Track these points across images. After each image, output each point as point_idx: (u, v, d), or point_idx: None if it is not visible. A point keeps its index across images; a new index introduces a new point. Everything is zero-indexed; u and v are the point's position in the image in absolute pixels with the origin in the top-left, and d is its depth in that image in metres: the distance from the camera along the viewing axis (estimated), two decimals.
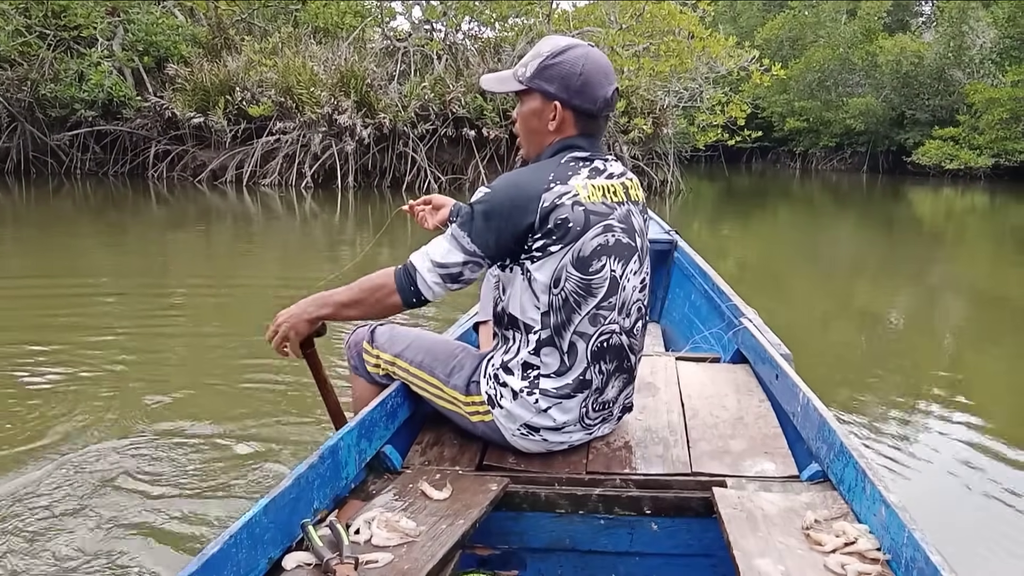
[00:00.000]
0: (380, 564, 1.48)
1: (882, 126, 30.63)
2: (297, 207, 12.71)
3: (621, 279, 1.89)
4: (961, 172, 26.91)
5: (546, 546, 1.92)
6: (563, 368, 1.89)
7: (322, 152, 14.62)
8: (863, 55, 30.96)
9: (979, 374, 5.06)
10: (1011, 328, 6.35)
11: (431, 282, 1.84)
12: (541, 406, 1.90)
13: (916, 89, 29.81)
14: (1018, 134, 25.96)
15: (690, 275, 3.85)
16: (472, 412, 2.00)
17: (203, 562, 1.27)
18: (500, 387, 1.94)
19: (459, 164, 15.47)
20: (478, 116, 14.45)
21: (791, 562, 1.47)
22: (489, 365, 1.98)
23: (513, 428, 1.94)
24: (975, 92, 26.86)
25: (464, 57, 15.55)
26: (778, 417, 2.23)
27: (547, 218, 1.78)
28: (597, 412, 1.97)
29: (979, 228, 15.13)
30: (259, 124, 14.74)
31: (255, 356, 4.43)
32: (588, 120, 1.90)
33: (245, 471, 2.99)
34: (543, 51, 1.89)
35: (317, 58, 15.16)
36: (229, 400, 3.78)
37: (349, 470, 1.80)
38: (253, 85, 14.65)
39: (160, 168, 15.55)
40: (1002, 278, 9.04)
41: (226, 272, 7.43)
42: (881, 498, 1.52)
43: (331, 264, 8.06)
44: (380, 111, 14.40)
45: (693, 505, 1.83)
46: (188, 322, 5.44)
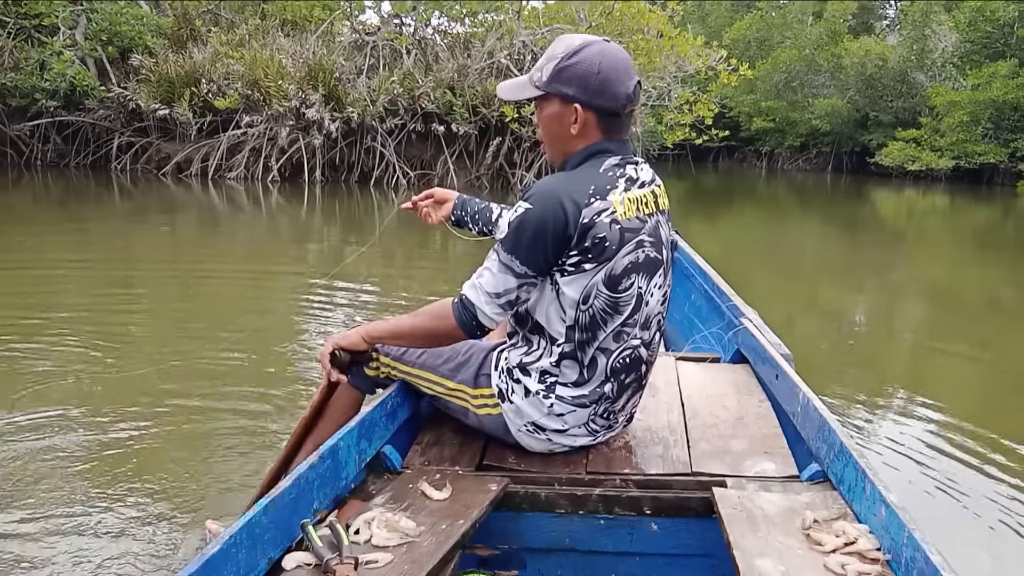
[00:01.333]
0: (380, 564, 1.48)
1: (846, 127, 31.05)
2: (263, 201, 12.60)
3: (645, 295, 1.88)
4: (923, 173, 27.35)
5: (546, 546, 1.92)
6: (581, 380, 1.88)
7: (289, 146, 14.49)
8: (828, 57, 31.35)
9: (937, 368, 5.17)
10: (968, 324, 6.49)
11: (492, 313, 1.81)
12: (555, 411, 1.90)
13: (880, 91, 30.24)
14: (978, 137, 26.45)
15: (690, 275, 3.84)
16: (480, 405, 1.99)
17: (203, 562, 1.27)
18: (513, 383, 1.93)
19: (428, 160, 15.41)
20: (447, 112, 14.41)
21: (791, 562, 1.47)
22: (503, 360, 1.97)
23: (520, 424, 1.94)
24: (937, 95, 27.32)
25: (433, 52, 15.49)
26: (778, 417, 2.23)
27: (585, 235, 1.75)
28: (604, 420, 1.97)
29: (940, 228, 15.41)
30: (225, 117, 14.56)
31: (216, 355, 4.40)
32: (612, 119, 1.84)
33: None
34: (557, 52, 1.83)
35: (285, 51, 15.02)
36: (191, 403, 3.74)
37: (349, 470, 1.79)
38: (219, 77, 14.46)
39: (123, 160, 15.30)
40: (961, 277, 9.24)
41: (190, 267, 7.34)
42: (881, 498, 1.53)
43: (297, 260, 8.01)
44: (348, 105, 14.30)
45: (693, 505, 1.83)
46: (151, 320, 5.37)
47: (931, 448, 3.55)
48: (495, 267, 1.80)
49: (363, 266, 7.55)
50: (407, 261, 8.09)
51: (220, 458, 3.08)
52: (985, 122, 26.39)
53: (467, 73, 14.61)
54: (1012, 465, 3.39)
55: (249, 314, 5.55)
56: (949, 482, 3.20)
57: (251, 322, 5.31)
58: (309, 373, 4.12)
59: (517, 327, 1.97)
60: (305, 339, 4.91)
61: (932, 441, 3.64)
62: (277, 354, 4.50)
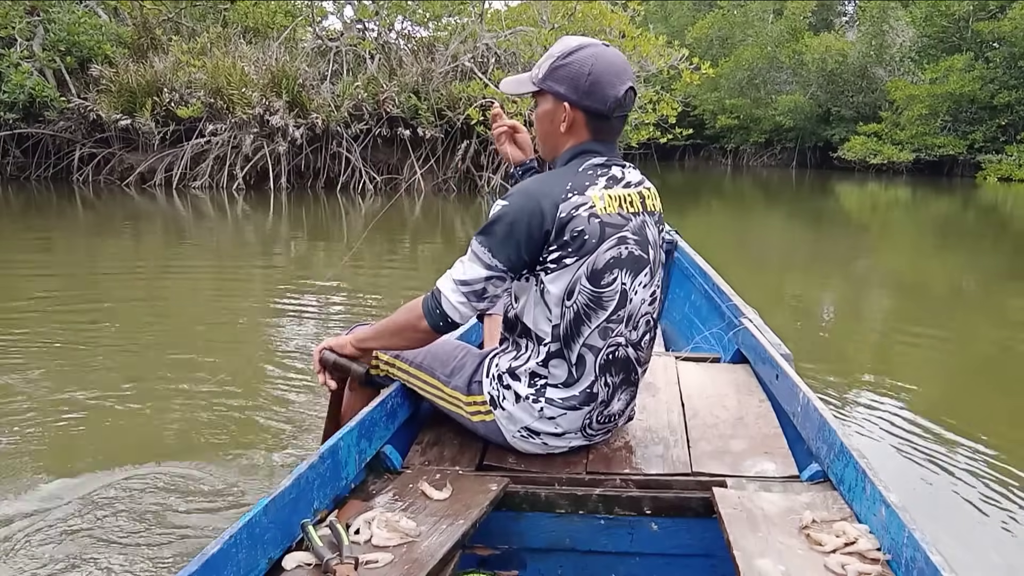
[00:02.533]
0: (380, 564, 1.48)
1: (809, 122, 31.46)
2: (229, 209, 12.51)
3: (629, 291, 1.88)
4: (884, 167, 27.79)
5: (546, 546, 1.92)
6: (571, 380, 1.89)
7: (254, 153, 14.40)
8: (790, 54, 31.75)
9: (903, 355, 5.28)
10: (930, 313, 6.62)
11: (456, 302, 1.83)
12: (546, 414, 1.90)
13: (841, 86, 30.68)
14: (936, 129, 26.93)
15: (690, 275, 3.85)
16: (473, 412, 2.00)
17: (203, 562, 1.27)
18: (504, 389, 1.94)
19: (394, 164, 15.38)
20: (413, 116, 14.40)
21: (791, 562, 1.47)
22: (493, 366, 1.98)
23: (514, 430, 1.95)
24: (896, 89, 27.78)
25: (397, 56, 15.47)
26: (778, 417, 2.24)
27: (563, 229, 1.77)
28: (600, 424, 1.98)
29: (903, 220, 15.67)
30: (188, 126, 14.43)
31: (181, 364, 4.37)
32: (600, 121, 1.87)
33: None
34: (555, 52, 1.88)
35: (247, 58, 14.91)
36: (153, 411, 3.72)
37: (349, 470, 1.80)
38: (181, 86, 14.33)
39: (85, 172, 15.09)
40: (923, 267, 9.41)
41: (157, 276, 7.28)
42: (881, 498, 1.53)
43: (266, 268, 7.97)
44: (313, 111, 14.24)
45: (693, 505, 1.83)
46: (116, 334, 5.33)
47: (901, 433, 3.62)
48: (467, 257, 1.84)
49: (332, 269, 7.55)
50: (377, 263, 8.09)
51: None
52: (943, 115, 26.88)
53: (431, 77, 14.62)
54: (985, 451, 3.47)
55: (217, 322, 5.52)
56: (919, 467, 3.27)
57: (219, 330, 5.28)
58: (277, 380, 4.12)
59: (507, 333, 1.99)
60: (274, 346, 4.89)
61: (903, 426, 3.71)
62: (247, 361, 4.48)
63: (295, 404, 3.77)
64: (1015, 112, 26.10)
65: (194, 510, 2.71)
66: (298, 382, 4.08)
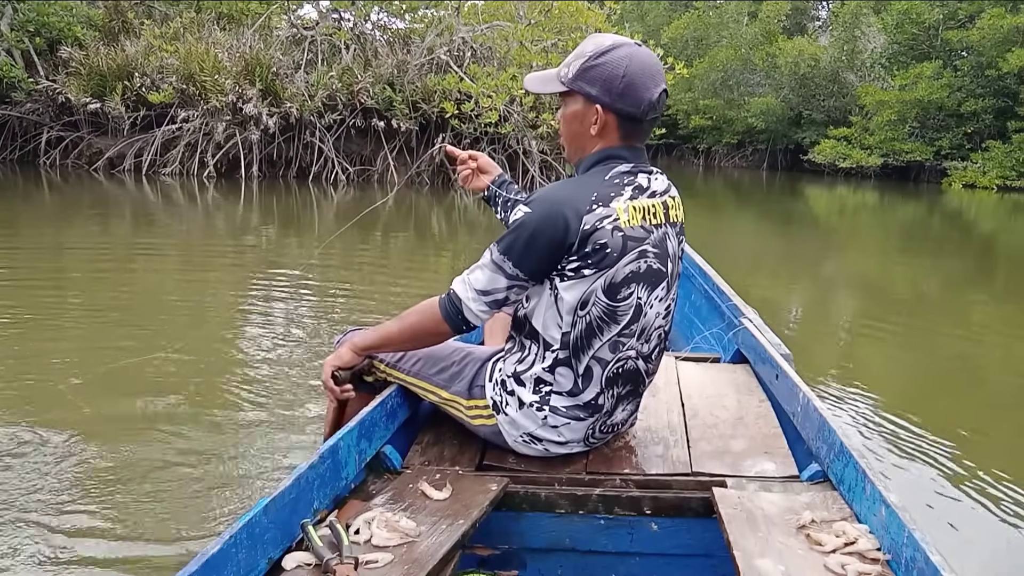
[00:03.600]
0: (380, 564, 1.48)
1: (781, 125, 31.81)
2: (199, 197, 12.40)
3: (644, 306, 1.84)
4: (853, 170, 28.19)
5: (546, 546, 1.91)
6: (576, 390, 1.85)
7: (225, 141, 14.27)
8: (763, 56, 32.07)
9: (869, 355, 5.39)
10: (894, 313, 6.76)
11: (477, 310, 1.81)
12: (550, 423, 1.88)
13: (812, 90, 31.04)
14: (905, 135, 27.36)
15: (690, 275, 3.81)
16: (474, 416, 1.98)
17: (203, 562, 1.26)
18: (507, 395, 1.91)
19: (368, 155, 15.34)
20: (387, 107, 14.35)
21: (791, 562, 1.47)
22: (497, 370, 1.95)
23: (516, 435, 1.93)
24: (866, 94, 28.18)
25: (373, 47, 15.41)
26: (778, 417, 2.23)
27: (586, 241, 1.72)
28: (603, 434, 1.97)
29: (870, 224, 15.91)
30: (160, 111, 14.27)
31: (150, 352, 4.35)
32: (632, 125, 1.81)
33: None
34: (586, 51, 1.80)
35: (221, 45, 14.78)
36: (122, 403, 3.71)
37: (349, 470, 1.79)
38: (153, 71, 14.16)
39: (53, 155, 14.88)
40: (889, 270, 9.59)
41: (124, 264, 7.22)
42: (881, 498, 1.53)
43: (236, 257, 7.92)
44: (286, 100, 14.15)
45: (693, 505, 1.83)
46: (84, 317, 5.28)
47: (863, 428, 3.70)
48: (487, 265, 1.79)
49: (303, 260, 7.54)
50: (348, 253, 8.08)
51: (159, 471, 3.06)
52: (912, 121, 27.31)
53: (407, 69, 14.58)
54: (944, 443, 3.56)
55: (184, 311, 5.49)
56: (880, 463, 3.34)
57: (187, 320, 5.26)
58: (248, 373, 4.12)
59: (514, 332, 1.95)
60: (245, 336, 4.88)
61: (866, 422, 3.80)
62: (216, 352, 4.47)
63: (258, 386, 3.77)
64: (981, 120, 26.57)
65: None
66: (262, 367, 4.09)
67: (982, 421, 4.13)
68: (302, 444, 3.14)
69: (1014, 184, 24.91)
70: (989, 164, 25.58)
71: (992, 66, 25.45)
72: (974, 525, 2.88)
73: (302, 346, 4.61)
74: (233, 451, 3.11)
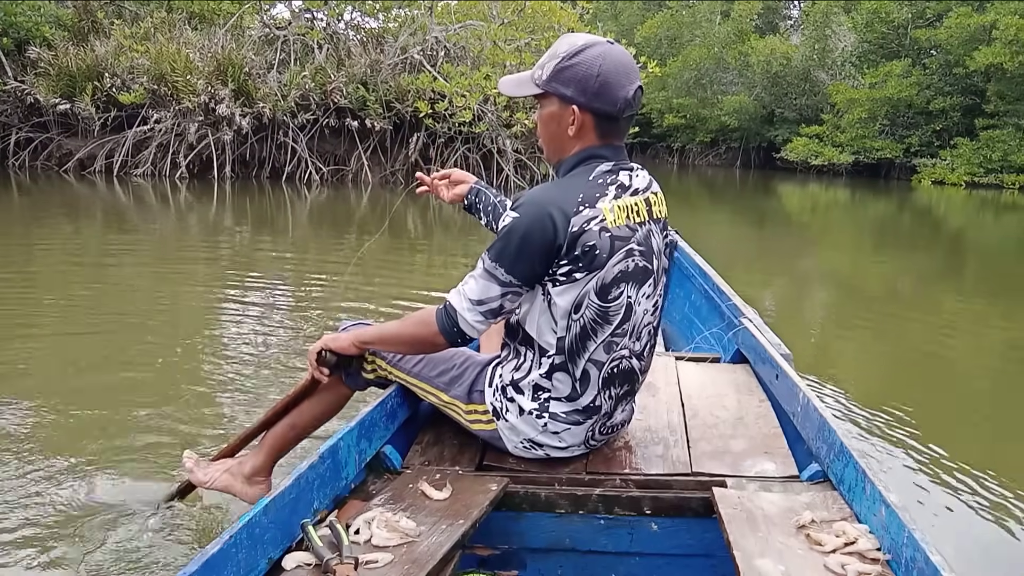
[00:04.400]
0: (380, 564, 1.47)
1: (754, 123, 32.09)
2: (172, 198, 12.32)
3: (634, 304, 1.85)
4: (825, 168, 28.50)
5: (546, 546, 1.91)
6: (575, 395, 1.86)
7: (198, 142, 14.18)
8: (736, 55, 32.33)
9: (839, 349, 5.48)
10: (865, 308, 6.86)
11: (473, 321, 1.79)
12: (550, 429, 1.88)
13: (785, 89, 31.33)
14: (875, 133, 27.70)
15: (690, 275, 3.83)
16: (473, 420, 1.98)
17: (203, 562, 1.26)
18: (507, 401, 1.91)
19: (342, 155, 15.30)
20: (361, 107, 14.33)
21: (791, 562, 1.47)
22: (496, 376, 1.95)
23: (516, 441, 1.93)
24: (837, 93, 28.49)
25: (346, 47, 15.37)
26: (778, 417, 2.23)
27: (575, 244, 1.72)
28: (603, 435, 1.97)
29: (842, 221, 16.10)
30: (131, 112, 14.15)
31: (121, 358, 4.34)
32: (609, 123, 1.81)
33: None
34: (560, 51, 1.79)
35: (192, 45, 14.68)
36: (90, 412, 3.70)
37: (349, 470, 1.79)
38: (124, 71, 14.04)
39: (22, 156, 14.69)
40: (861, 266, 9.73)
41: (95, 269, 7.16)
42: (881, 498, 1.53)
43: (210, 260, 7.89)
44: (259, 100, 14.08)
45: (693, 505, 1.83)
46: (56, 321, 5.25)
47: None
48: (479, 274, 1.78)
49: (275, 264, 7.53)
50: (322, 253, 8.07)
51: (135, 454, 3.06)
52: (882, 119, 27.65)
53: (380, 68, 14.56)
54: (914, 434, 3.63)
55: (158, 314, 5.46)
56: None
57: (160, 324, 5.24)
58: (218, 374, 4.12)
59: (508, 339, 1.95)
60: (218, 338, 4.87)
61: (838, 412, 3.85)
62: (188, 354, 4.46)
63: (235, 386, 3.78)
64: (949, 118, 26.95)
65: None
66: (235, 368, 4.10)
67: (952, 413, 4.22)
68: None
69: (982, 181, 25.28)
70: (957, 161, 25.95)
71: (960, 64, 25.81)
72: (940, 510, 2.94)
73: (275, 347, 4.61)
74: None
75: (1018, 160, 24.88)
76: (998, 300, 7.75)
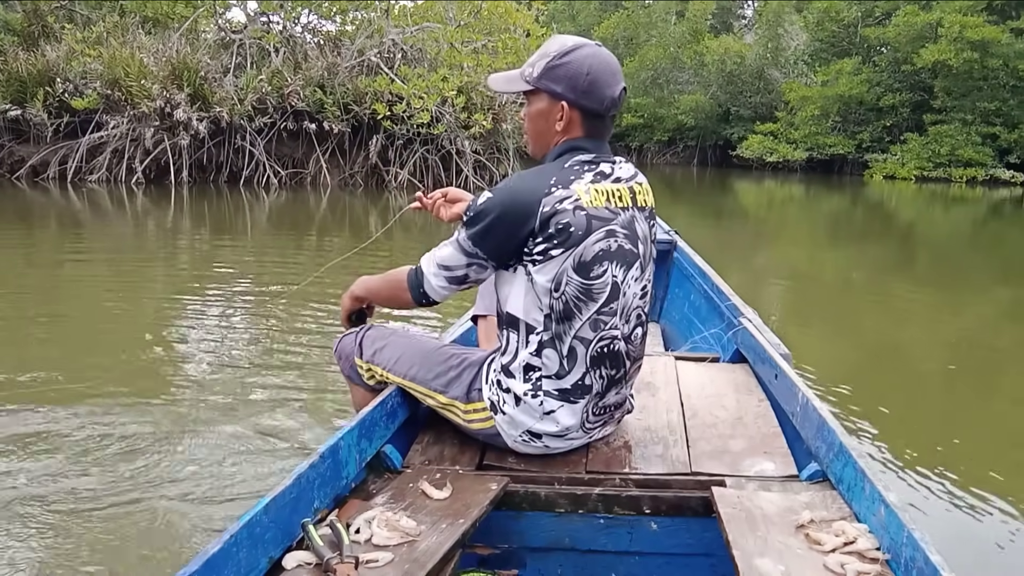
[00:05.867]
0: (380, 563, 1.47)
1: (710, 122, 32.51)
2: (128, 204, 12.20)
3: (622, 285, 1.88)
4: (780, 164, 28.99)
5: (546, 545, 1.91)
6: (562, 371, 1.89)
7: (154, 147, 14.03)
8: (692, 55, 32.76)
9: (798, 342, 5.62)
10: (824, 302, 7.06)
11: (436, 285, 1.91)
12: (546, 408, 1.90)
13: (739, 87, 31.82)
14: (827, 129, 28.25)
15: (689, 275, 3.84)
16: (472, 420, 2.00)
17: (203, 561, 1.26)
18: (503, 393, 1.93)
19: (300, 158, 15.23)
20: (318, 110, 14.29)
21: (791, 562, 1.47)
22: (491, 370, 1.98)
23: (515, 435, 1.94)
24: (790, 90, 29.03)
25: (303, 50, 15.32)
26: (777, 417, 2.24)
27: (547, 223, 1.78)
28: (597, 417, 1.98)
29: (797, 216, 16.41)
30: (84, 117, 13.94)
31: (78, 366, 4.33)
32: (595, 120, 1.89)
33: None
34: (550, 51, 1.87)
35: (147, 49, 14.50)
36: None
37: (349, 470, 1.80)
38: (76, 76, 13.86)
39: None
40: (817, 259, 9.96)
41: (49, 278, 7.11)
42: (880, 498, 1.53)
43: (167, 266, 7.86)
44: (215, 104, 13.98)
45: (692, 505, 1.83)
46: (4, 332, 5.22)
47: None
48: (451, 243, 1.89)
49: (237, 265, 7.53)
50: (282, 255, 8.08)
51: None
52: (834, 115, 28.22)
53: (337, 71, 14.54)
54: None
55: (116, 322, 5.45)
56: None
57: (118, 332, 5.23)
58: (180, 379, 4.14)
59: (499, 328, 1.99)
60: (175, 343, 4.88)
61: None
62: (147, 361, 4.46)
63: (195, 392, 3.81)
64: (899, 114, 27.60)
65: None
66: (195, 373, 4.13)
67: (907, 400, 4.36)
68: (241, 448, 3.20)
69: (930, 175, 25.94)
70: (907, 156, 26.58)
71: (908, 61, 26.46)
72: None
73: (237, 350, 4.64)
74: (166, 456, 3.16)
75: (965, 154, 25.57)
76: (948, 290, 8.01)
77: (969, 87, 25.88)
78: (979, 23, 24.66)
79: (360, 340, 2.18)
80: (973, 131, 25.71)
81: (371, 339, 2.17)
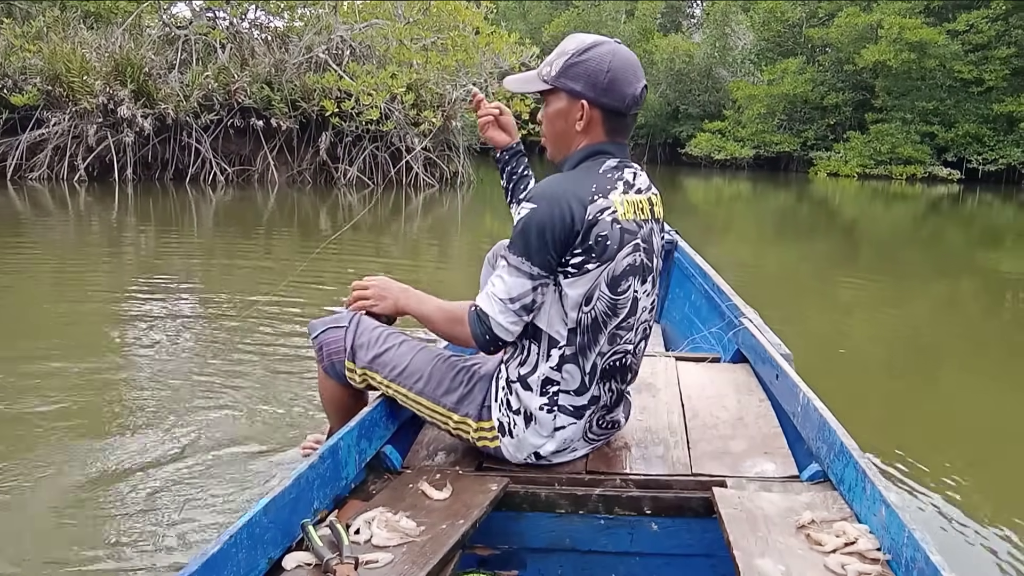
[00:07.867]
0: (380, 564, 1.47)
1: (659, 120, 32.94)
2: (71, 202, 11.96)
3: (639, 299, 1.86)
4: (728, 162, 29.50)
5: (546, 546, 1.91)
6: (583, 388, 1.86)
7: (97, 144, 13.79)
8: (641, 53, 32.91)
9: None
10: (771, 294, 7.23)
11: (507, 323, 1.78)
12: (557, 423, 1.87)
13: (688, 86, 32.27)
14: (773, 128, 28.81)
15: (690, 275, 3.83)
16: (479, 437, 1.95)
17: (203, 562, 1.26)
18: (513, 415, 1.88)
19: (247, 155, 15.09)
20: (266, 106, 14.18)
21: (791, 562, 1.46)
22: (501, 388, 1.91)
23: (520, 457, 1.91)
24: (738, 89, 29.52)
25: (250, 46, 15.16)
26: (778, 417, 2.23)
27: (590, 232, 1.73)
28: (601, 428, 1.96)
29: (745, 212, 16.71)
30: (24, 114, 13.64)
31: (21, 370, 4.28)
32: (617, 119, 1.83)
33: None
34: (568, 48, 1.82)
35: (88, 44, 14.24)
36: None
37: (349, 470, 1.79)
38: (15, 72, 13.54)
39: None
40: (763, 254, 10.18)
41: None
42: (881, 498, 1.53)
43: (113, 266, 7.75)
44: (160, 101, 13.78)
45: (693, 505, 1.82)
46: None
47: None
48: (505, 273, 1.77)
49: (181, 263, 7.47)
50: (229, 253, 8.03)
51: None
52: (780, 114, 28.80)
53: (285, 68, 14.44)
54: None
55: (58, 324, 5.38)
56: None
57: (60, 334, 5.17)
58: (130, 385, 4.11)
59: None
60: (122, 347, 4.83)
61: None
62: (93, 367, 4.40)
63: (142, 402, 3.80)
64: (842, 112, 28.26)
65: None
66: (145, 373, 4.11)
67: (852, 391, 4.42)
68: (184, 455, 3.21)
69: (872, 172, 26.62)
70: (850, 154, 27.24)
71: (850, 61, 27.10)
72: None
73: (185, 352, 4.60)
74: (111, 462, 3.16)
75: (905, 152, 26.28)
76: (890, 283, 8.24)
77: (908, 87, 26.61)
78: (917, 25, 25.35)
79: (352, 343, 2.03)
80: (912, 130, 26.45)
81: (365, 342, 2.02)
